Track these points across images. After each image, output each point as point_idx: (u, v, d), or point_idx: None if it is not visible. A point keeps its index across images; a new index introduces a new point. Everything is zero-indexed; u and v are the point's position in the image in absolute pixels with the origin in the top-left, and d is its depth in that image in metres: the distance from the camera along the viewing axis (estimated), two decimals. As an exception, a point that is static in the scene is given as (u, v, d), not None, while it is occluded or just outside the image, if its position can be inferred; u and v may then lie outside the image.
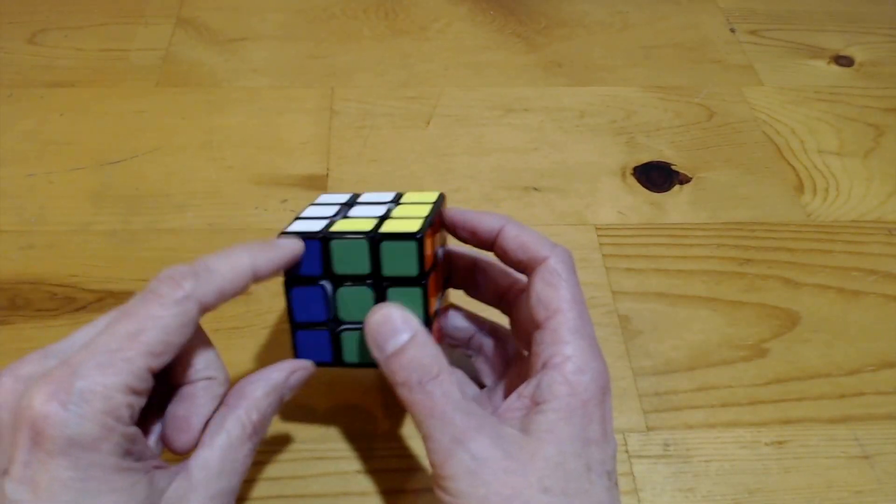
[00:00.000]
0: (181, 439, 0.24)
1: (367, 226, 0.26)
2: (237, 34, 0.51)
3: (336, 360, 0.28)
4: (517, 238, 0.27)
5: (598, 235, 0.40)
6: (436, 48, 0.52)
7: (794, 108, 0.49)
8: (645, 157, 0.45)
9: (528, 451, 0.23)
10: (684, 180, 0.44)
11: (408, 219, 0.27)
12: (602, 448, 0.24)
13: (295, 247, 0.26)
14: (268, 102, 0.47)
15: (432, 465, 0.23)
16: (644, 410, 0.34)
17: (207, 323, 0.35)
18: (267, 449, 0.31)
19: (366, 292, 0.27)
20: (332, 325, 0.27)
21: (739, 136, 0.47)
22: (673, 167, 0.45)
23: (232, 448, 0.23)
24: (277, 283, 0.27)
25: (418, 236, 0.25)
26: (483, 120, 0.47)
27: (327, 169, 0.43)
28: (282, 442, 0.32)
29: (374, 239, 0.26)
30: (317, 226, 0.27)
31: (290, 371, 0.26)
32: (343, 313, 0.27)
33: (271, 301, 0.36)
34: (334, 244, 0.26)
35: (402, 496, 0.30)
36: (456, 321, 0.32)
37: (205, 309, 0.23)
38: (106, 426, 0.20)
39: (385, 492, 0.30)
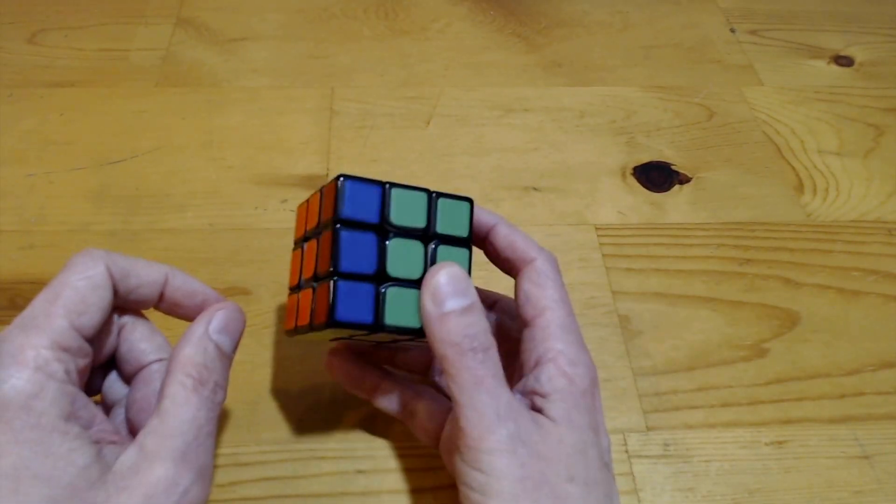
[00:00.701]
0: (143, 420, 0.24)
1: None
2: (237, 34, 0.51)
3: (377, 321, 0.25)
4: (508, 237, 0.28)
5: (598, 235, 0.40)
6: (436, 48, 0.52)
7: (794, 108, 0.49)
8: (645, 157, 0.45)
9: (556, 437, 0.24)
10: (684, 180, 0.44)
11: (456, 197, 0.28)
12: (604, 438, 0.25)
13: (214, 296, 0.26)
14: (268, 102, 0.47)
15: (467, 436, 0.23)
16: (644, 410, 0.34)
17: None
18: (267, 449, 0.31)
19: (416, 247, 0.26)
20: (379, 279, 0.26)
21: (739, 136, 0.47)
22: (673, 167, 0.45)
23: (177, 408, 0.22)
24: (278, 283, 0.27)
25: (471, 199, 0.27)
26: (483, 120, 0.47)
27: (327, 169, 0.43)
28: (282, 442, 0.32)
29: (433, 195, 0.27)
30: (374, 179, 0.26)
31: (207, 320, 0.25)
32: (392, 268, 0.26)
33: (271, 301, 0.36)
34: (395, 193, 0.26)
35: (402, 496, 0.30)
36: None
37: (114, 279, 0.24)
38: (36, 382, 0.21)
39: (385, 492, 0.30)
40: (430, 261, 0.26)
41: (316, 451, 0.31)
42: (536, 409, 0.25)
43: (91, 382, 0.26)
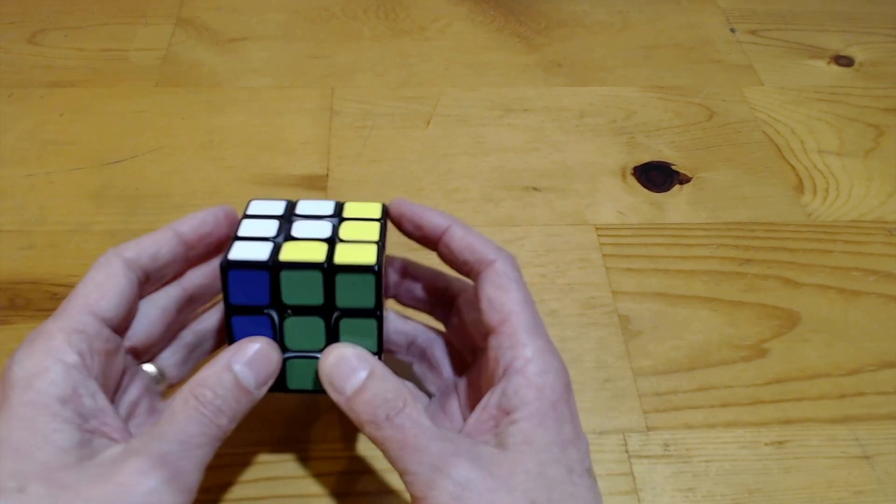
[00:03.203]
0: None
1: (320, 254, 0.25)
2: (237, 34, 0.51)
3: (280, 386, 0.26)
4: (464, 239, 0.27)
5: (598, 235, 0.40)
6: (436, 48, 0.52)
7: (794, 108, 0.49)
8: (645, 157, 0.45)
9: (508, 467, 0.23)
10: (684, 180, 0.44)
11: (360, 243, 0.25)
12: (577, 447, 0.24)
13: (213, 209, 0.28)
14: (268, 102, 0.47)
15: (414, 498, 0.23)
16: (644, 410, 0.34)
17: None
18: (267, 449, 0.31)
19: (316, 322, 0.25)
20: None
21: (739, 136, 0.47)
22: (673, 167, 0.45)
23: (173, 418, 0.22)
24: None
25: (376, 269, 0.24)
26: (483, 120, 0.47)
27: (327, 169, 0.43)
28: (282, 442, 0.32)
29: (329, 270, 0.24)
30: (261, 250, 0.25)
31: (235, 350, 0.24)
32: (290, 342, 0.26)
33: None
34: (285, 275, 0.24)
35: (402, 496, 0.30)
36: (396, 325, 0.31)
37: (132, 261, 0.25)
38: (42, 364, 0.22)
39: (385, 492, 0.30)
40: (332, 331, 0.26)
41: (316, 451, 0.31)
42: (499, 427, 0.24)
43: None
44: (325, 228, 0.26)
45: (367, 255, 0.25)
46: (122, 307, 0.24)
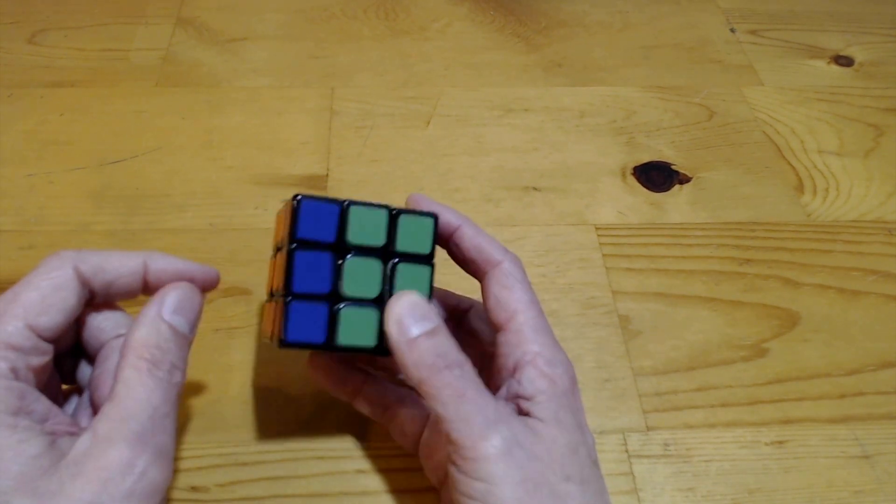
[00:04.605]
0: (103, 396, 0.24)
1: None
2: (237, 34, 0.51)
3: (328, 341, 0.26)
4: (473, 239, 0.28)
5: (598, 235, 0.40)
6: (436, 48, 0.52)
7: (794, 108, 0.49)
8: (645, 157, 0.45)
9: (549, 437, 0.24)
10: (684, 180, 0.44)
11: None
12: (588, 436, 0.25)
13: (198, 268, 0.26)
14: (268, 102, 0.47)
15: (461, 447, 0.23)
16: (644, 410, 0.34)
17: (207, 323, 0.35)
18: (267, 449, 0.31)
19: (374, 265, 0.26)
20: (333, 299, 0.26)
21: (739, 136, 0.47)
22: (673, 167, 0.45)
23: (129, 391, 0.22)
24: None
25: (436, 215, 0.26)
26: (483, 120, 0.47)
27: (327, 169, 0.43)
28: (282, 442, 0.32)
29: (394, 212, 0.26)
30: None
31: (160, 301, 0.24)
32: (347, 287, 0.26)
33: (271, 301, 0.36)
34: (354, 211, 0.25)
35: (402, 496, 0.30)
36: None
37: (85, 278, 0.24)
38: None
39: (385, 492, 0.30)
40: (388, 279, 0.26)
41: (316, 451, 0.31)
42: (523, 412, 0.25)
43: (67, 372, 0.26)
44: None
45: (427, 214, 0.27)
46: (63, 325, 0.23)
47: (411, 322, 0.24)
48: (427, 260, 0.27)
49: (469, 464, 0.23)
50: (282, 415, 0.32)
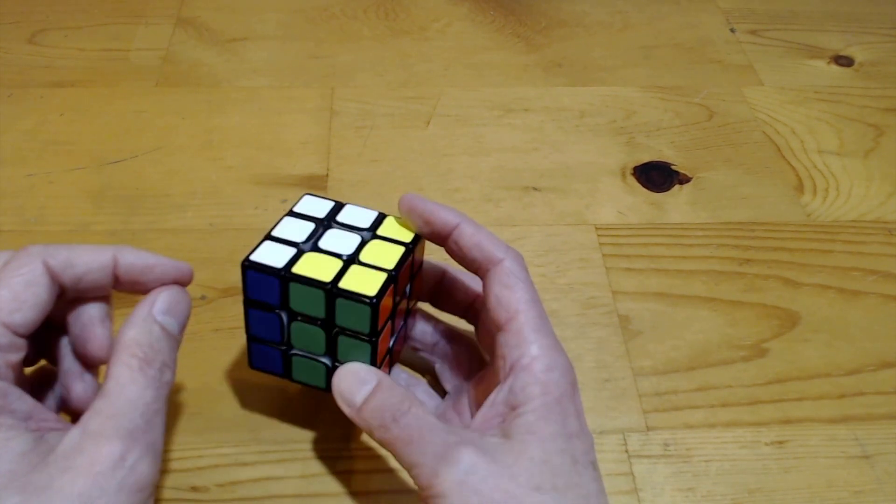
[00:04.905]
0: (92, 348, 0.25)
1: (330, 272, 0.26)
2: (237, 34, 0.51)
3: (286, 374, 0.29)
4: (473, 237, 0.27)
5: (598, 235, 0.40)
6: (436, 48, 0.52)
7: (794, 108, 0.49)
8: (645, 157, 0.45)
9: (512, 455, 0.23)
10: (684, 180, 0.44)
11: (373, 269, 0.27)
12: (582, 440, 0.25)
13: (170, 263, 0.26)
14: (268, 102, 0.47)
15: (421, 488, 0.23)
16: (644, 410, 0.34)
17: (207, 323, 0.35)
18: (267, 449, 0.31)
19: (318, 332, 0.27)
20: (285, 347, 0.28)
21: (739, 136, 0.47)
22: (673, 167, 0.45)
23: (122, 388, 0.23)
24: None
25: (374, 301, 0.25)
26: (483, 120, 0.47)
27: (327, 169, 0.43)
28: (282, 442, 0.32)
29: (332, 293, 0.26)
30: (283, 254, 0.27)
31: (151, 302, 0.25)
32: (295, 342, 0.28)
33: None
34: (293, 286, 0.26)
35: (402, 496, 0.30)
36: (422, 326, 0.32)
37: (54, 272, 0.24)
38: None
39: (385, 492, 0.30)
40: (331, 343, 0.27)
41: (316, 451, 0.31)
42: (505, 422, 0.25)
43: (40, 350, 0.27)
44: (351, 244, 0.28)
45: (372, 286, 0.26)
46: (37, 321, 0.23)
47: (352, 394, 0.26)
48: (367, 339, 0.27)
49: (433, 501, 0.23)
50: (282, 415, 0.32)
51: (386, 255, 0.27)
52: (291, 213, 0.29)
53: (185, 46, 0.50)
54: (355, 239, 0.28)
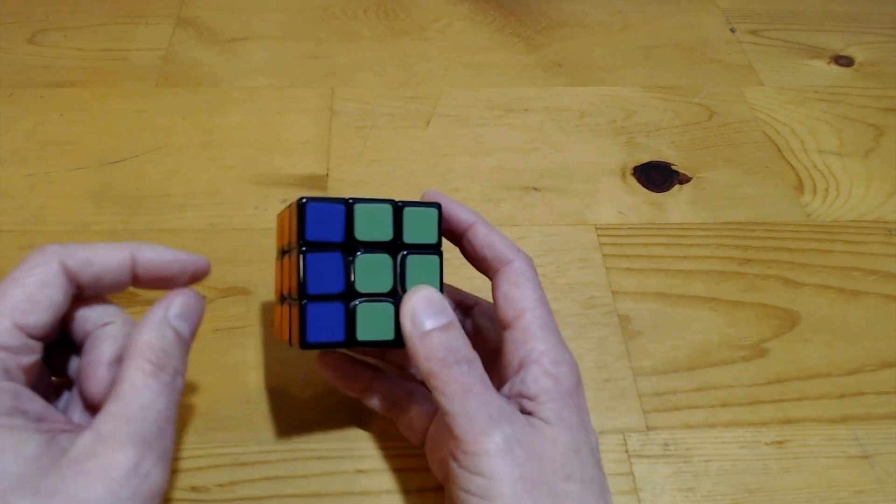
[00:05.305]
0: (91, 387, 0.24)
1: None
2: (237, 34, 0.51)
3: (349, 338, 0.26)
4: (487, 237, 0.28)
5: (598, 235, 0.40)
6: (436, 48, 0.52)
7: (794, 108, 0.49)
8: (645, 157, 0.45)
9: (550, 436, 0.24)
10: (684, 180, 0.44)
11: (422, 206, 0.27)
12: (592, 436, 0.25)
13: (188, 257, 0.26)
14: (268, 102, 0.47)
15: (462, 441, 0.23)
16: (644, 410, 0.34)
17: (207, 323, 0.35)
18: (267, 449, 0.31)
19: (385, 260, 0.26)
20: (348, 297, 0.26)
21: (739, 136, 0.47)
22: (673, 167, 0.45)
23: (136, 392, 0.22)
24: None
25: (439, 205, 0.27)
26: (483, 120, 0.47)
27: (327, 169, 0.43)
28: (282, 442, 0.32)
29: (398, 206, 0.26)
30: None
31: (167, 305, 0.25)
32: (360, 284, 0.26)
33: (271, 300, 0.36)
34: (359, 209, 0.26)
35: (402, 496, 0.30)
36: None
37: (71, 272, 0.23)
38: None
39: (385, 492, 0.30)
40: (399, 271, 0.27)
41: (316, 451, 0.31)
42: (526, 411, 0.25)
43: (57, 364, 0.26)
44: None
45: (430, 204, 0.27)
46: (51, 323, 0.23)
47: (425, 316, 0.25)
48: (434, 249, 0.27)
49: (469, 458, 0.23)
50: (282, 415, 0.32)
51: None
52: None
53: (185, 46, 0.50)
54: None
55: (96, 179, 0.42)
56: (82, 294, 0.25)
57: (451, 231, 0.29)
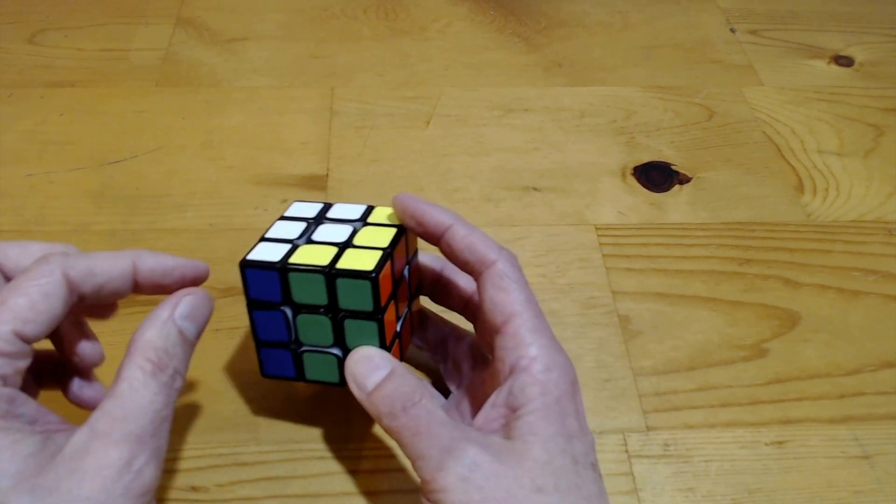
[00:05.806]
0: (85, 394, 0.26)
1: (326, 258, 0.26)
2: (237, 34, 0.51)
3: (299, 375, 0.29)
4: (465, 238, 0.27)
5: (598, 235, 0.40)
6: (436, 48, 0.52)
7: (794, 108, 0.49)
8: (645, 157, 0.45)
9: (515, 455, 0.23)
10: (684, 180, 0.44)
11: (368, 249, 0.27)
12: (582, 441, 0.25)
13: (189, 263, 0.27)
14: (268, 102, 0.47)
15: (424, 482, 0.23)
16: (644, 410, 0.34)
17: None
18: (267, 449, 0.31)
19: (324, 320, 0.27)
20: (294, 345, 0.28)
21: (739, 136, 0.47)
22: (673, 167, 0.45)
23: (134, 392, 0.23)
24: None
25: (373, 275, 0.25)
26: (483, 120, 0.47)
27: (327, 169, 0.43)
28: (282, 442, 0.32)
29: (331, 275, 0.26)
30: (279, 251, 0.27)
31: (174, 305, 0.25)
32: (303, 337, 0.28)
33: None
34: (292, 277, 0.26)
35: (403, 496, 0.30)
36: (427, 326, 0.33)
37: (74, 283, 0.24)
38: None
39: (385, 492, 0.30)
40: (338, 331, 0.27)
41: (316, 451, 0.31)
42: (507, 423, 0.25)
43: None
44: (344, 232, 0.28)
45: (369, 262, 0.26)
46: (48, 332, 0.23)
47: (365, 377, 0.26)
48: (372, 316, 0.27)
49: (433, 496, 0.23)
50: (282, 415, 0.32)
51: (379, 237, 0.28)
52: (283, 218, 0.30)
53: (185, 46, 0.50)
54: (347, 229, 0.28)
55: (96, 179, 0.42)
56: (84, 302, 0.25)
57: (428, 234, 0.28)
